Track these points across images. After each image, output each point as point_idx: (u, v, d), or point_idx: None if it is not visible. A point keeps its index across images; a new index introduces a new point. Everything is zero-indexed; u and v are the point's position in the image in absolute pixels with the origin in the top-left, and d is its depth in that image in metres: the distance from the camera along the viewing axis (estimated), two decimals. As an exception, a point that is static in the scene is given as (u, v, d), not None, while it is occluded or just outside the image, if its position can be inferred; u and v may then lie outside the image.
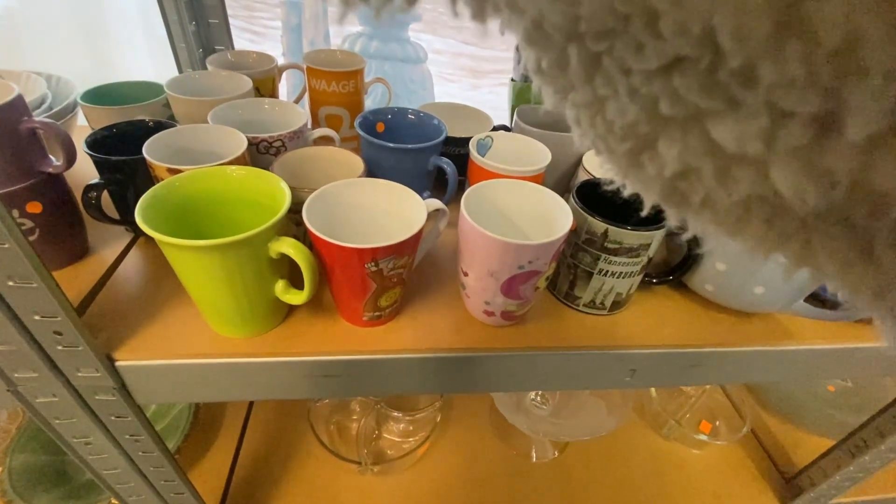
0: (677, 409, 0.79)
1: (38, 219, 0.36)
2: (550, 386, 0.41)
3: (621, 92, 0.10)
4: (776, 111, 0.08)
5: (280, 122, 0.46)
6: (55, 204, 0.37)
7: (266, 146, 0.42)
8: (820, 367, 0.44)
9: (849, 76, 0.07)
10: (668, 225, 0.36)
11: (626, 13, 0.09)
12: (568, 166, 0.50)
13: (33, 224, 0.36)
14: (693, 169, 0.10)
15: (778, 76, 0.08)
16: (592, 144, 0.12)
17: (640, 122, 0.11)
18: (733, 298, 0.40)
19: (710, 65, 0.09)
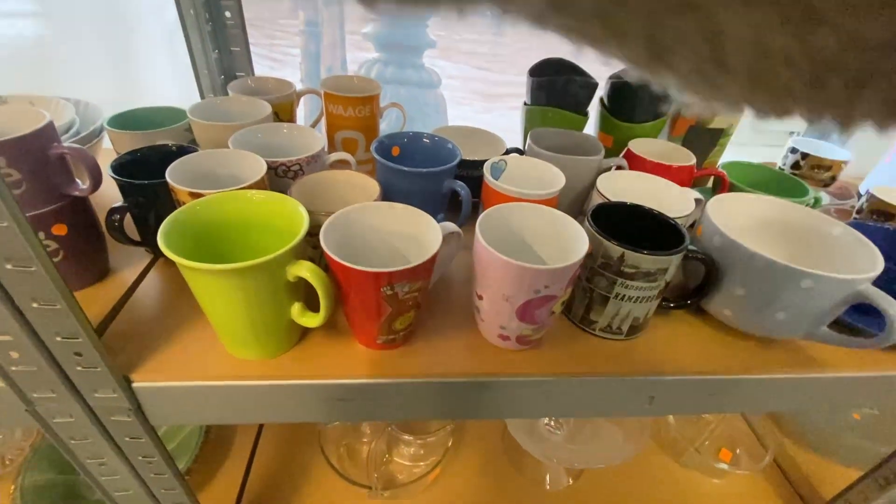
0: (696, 436, 0.76)
1: (62, 241, 0.37)
2: (567, 413, 0.40)
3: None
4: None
5: (298, 147, 0.47)
6: (80, 226, 0.38)
7: (284, 170, 0.43)
8: (847, 396, 0.43)
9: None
10: (686, 247, 0.36)
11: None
12: (582, 189, 0.50)
13: (58, 246, 0.37)
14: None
15: None
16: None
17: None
18: (753, 324, 0.39)
19: None
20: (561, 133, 0.54)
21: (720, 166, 0.57)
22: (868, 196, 0.55)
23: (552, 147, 0.49)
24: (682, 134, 0.59)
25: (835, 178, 0.65)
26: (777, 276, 0.35)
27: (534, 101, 0.58)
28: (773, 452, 0.71)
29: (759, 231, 0.44)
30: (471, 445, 0.71)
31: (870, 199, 0.55)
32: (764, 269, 0.36)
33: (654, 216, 0.40)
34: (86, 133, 0.50)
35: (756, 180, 0.55)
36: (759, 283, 0.37)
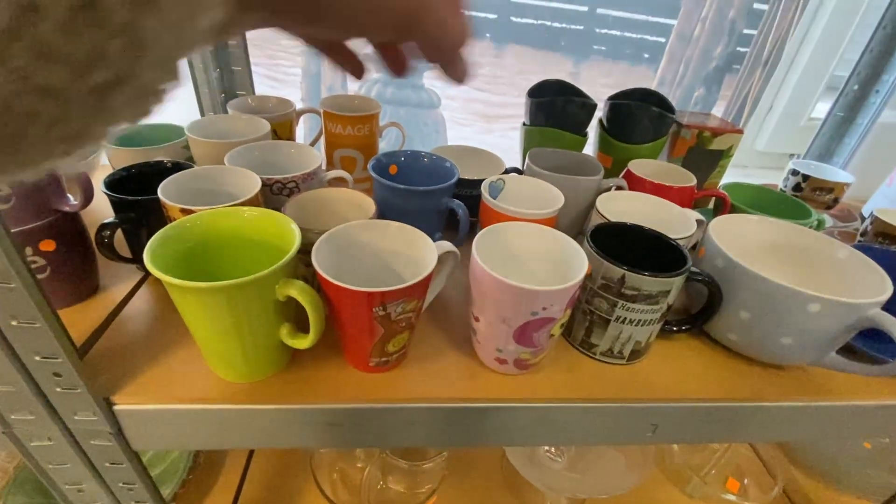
0: (702, 465, 0.74)
1: (50, 257, 0.36)
2: (567, 441, 0.38)
3: None
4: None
5: (295, 164, 0.46)
6: (68, 242, 0.38)
7: (280, 187, 0.43)
8: (858, 425, 0.41)
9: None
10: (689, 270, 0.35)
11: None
12: (581, 209, 0.50)
13: (45, 262, 0.36)
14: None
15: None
16: None
17: None
18: (758, 349, 0.38)
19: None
20: (560, 153, 0.53)
21: (721, 188, 0.56)
22: (872, 218, 0.55)
23: (551, 167, 0.48)
24: (682, 155, 0.59)
25: (837, 201, 0.65)
26: (783, 300, 0.34)
27: (533, 121, 0.58)
28: (783, 483, 0.69)
29: (763, 253, 0.43)
30: (468, 472, 0.69)
31: (874, 221, 0.54)
32: (769, 292, 0.35)
33: (656, 237, 0.39)
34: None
35: (758, 202, 0.54)
36: (765, 306, 0.36)
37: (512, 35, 0.79)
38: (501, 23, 0.77)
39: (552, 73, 0.60)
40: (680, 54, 0.78)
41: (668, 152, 0.60)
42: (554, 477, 0.66)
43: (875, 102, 0.72)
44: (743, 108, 0.78)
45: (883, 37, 0.69)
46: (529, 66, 0.79)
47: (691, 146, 0.58)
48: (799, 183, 0.65)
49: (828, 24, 0.80)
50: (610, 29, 0.78)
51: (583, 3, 0.76)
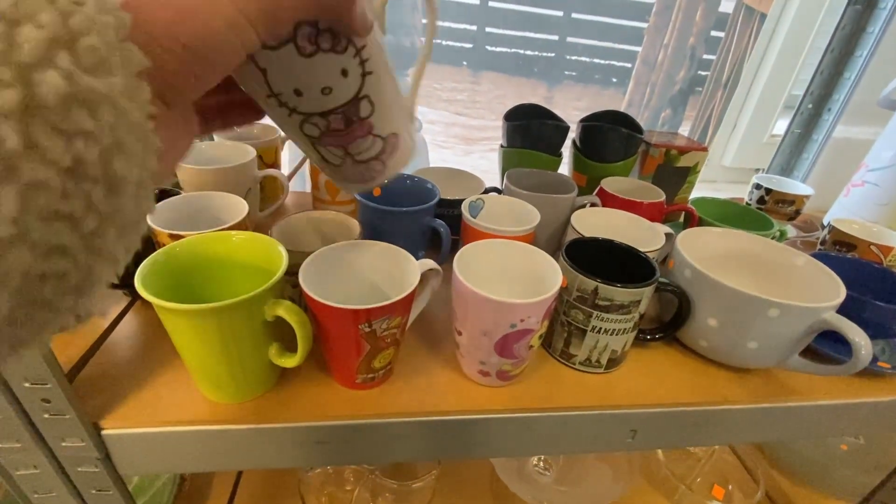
0: (687, 473, 0.75)
1: (38, 284, 0.37)
2: (550, 450, 0.39)
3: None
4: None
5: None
6: (57, 270, 0.38)
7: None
8: (824, 424, 0.43)
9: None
10: (658, 280, 0.37)
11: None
12: (558, 226, 0.52)
13: (33, 290, 0.37)
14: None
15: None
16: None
17: None
18: (727, 354, 0.40)
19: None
20: (536, 173, 0.56)
21: (690, 202, 0.59)
22: (829, 228, 0.58)
23: (528, 186, 0.51)
24: (652, 172, 0.62)
25: (799, 212, 0.68)
26: (745, 306, 0.37)
27: (510, 143, 0.61)
28: (765, 487, 0.70)
29: (728, 263, 0.46)
30: (458, 490, 0.69)
31: (831, 230, 0.58)
32: (732, 299, 0.37)
33: (626, 250, 0.41)
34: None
35: (724, 215, 0.57)
36: (729, 313, 0.38)
37: (488, 63, 0.83)
38: (478, 51, 0.81)
39: (527, 97, 0.63)
40: (646, 78, 0.83)
41: (638, 170, 0.64)
42: (543, 491, 0.67)
43: (828, 120, 0.77)
44: (707, 127, 0.82)
45: (831, 59, 0.74)
46: (505, 92, 0.83)
47: (660, 164, 0.61)
48: (762, 196, 0.68)
49: (782, 48, 0.86)
50: (580, 56, 0.83)
51: (553, 32, 0.80)
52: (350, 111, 0.24)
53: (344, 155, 0.26)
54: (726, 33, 0.81)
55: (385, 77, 0.25)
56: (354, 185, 0.29)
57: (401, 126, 0.27)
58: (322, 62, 0.22)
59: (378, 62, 0.24)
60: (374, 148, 0.26)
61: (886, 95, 0.69)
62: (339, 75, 0.23)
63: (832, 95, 0.76)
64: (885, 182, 0.65)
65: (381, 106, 0.25)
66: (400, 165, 0.28)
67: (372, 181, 0.28)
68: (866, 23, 0.71)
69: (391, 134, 0.26)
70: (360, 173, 0.27)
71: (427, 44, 0.29)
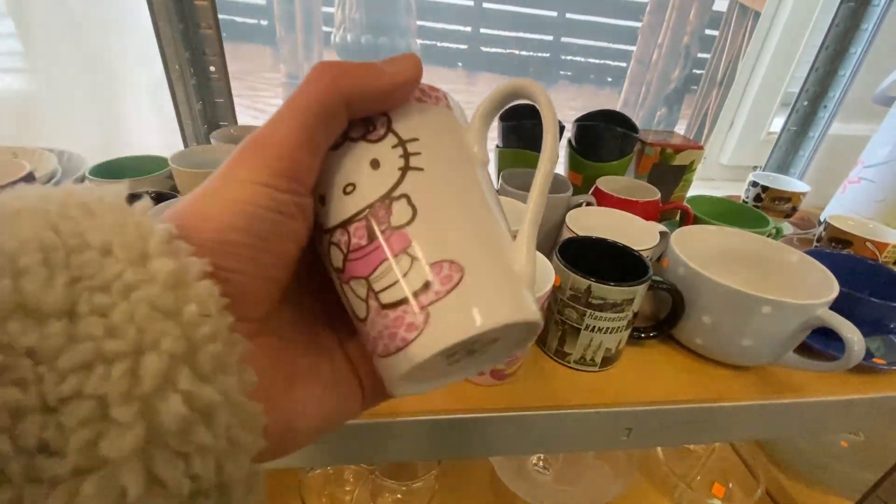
0: (687, 472, 0.75)
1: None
2: (546, 448, 0.40)
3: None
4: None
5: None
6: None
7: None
8: (820, 421, 0.43)
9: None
10: (651, 279, 0.37)
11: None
12: (553, 226, 0.52)
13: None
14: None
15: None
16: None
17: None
18: (722, 351, 0.40)
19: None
20: (531, 173, 0.55)
21: (686, 201, 0.60)
22: (825, 225, 0.58)
23: (523, 186, 0.51)
24: (648, 171, 0.62)
25: (796, 209, 0.69)
26: (738, 304, 0.37)
27: (506, 143, 0.61)
28: (765, 484, 0.70)
29: (723, 261, 0.46)
30: (458, 490, 0.69)
31: (827, 227, 0.58)
32: (726, 296, 0.37)
33: (620, 249, 0.41)
34: (67, 182, 0.51)
35: (720, 213, 0.58)
36: (723, 310, 0.38)
37: (483, 64, 0.83)
38: (472, 52, 0.82)
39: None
40: (641, 78, 0.83)
41: (634, 169, 0.64)
42: (543, 490, 0.67)
43: (824, 117, 0.77)
44: (703, 125, 0.82)
45: (826, 57, 0.74)
46: (501, 92, 0.83)
47: (655, 162, 0.61)
48: (759, 194, 0.68)
49: (778, 46, 0.86)
50: (574, 56, 0.83)
51: (548, 32, 0.80)
52: (377, 216, 0.16)
53: (367, 294, 0.16)
54: (720, 32, 0.81)
55: (446, 182, 0.17)
56: (392, 370, 0.16)
57: (474, 258, 0.16)
58: (349, 152, 0.17)
59: (438, 166, 0.17)
60: (409, 279, 0.16)
61: (882, 92, 0.69)
62: (366, 167, 0.17)
63: (828, 93, 0.76)
64: (881, 178, 0.65)
65: (429, 213, 0.16)
66: (466, 325, 0.15)
67: (407, 354, 0.15)
68: (860, 20, 0.71)
69: (446, 261, 0.16)
70: (387, 332, 0.16)
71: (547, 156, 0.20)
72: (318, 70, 0.16)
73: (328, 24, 0.81)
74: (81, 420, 0.11)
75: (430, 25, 0.81)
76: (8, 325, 0.11)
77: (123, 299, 0.12)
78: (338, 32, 0.80)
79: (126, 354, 0.11)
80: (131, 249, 0.12)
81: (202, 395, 0.12)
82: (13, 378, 0.10)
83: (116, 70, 0.73)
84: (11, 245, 0.11)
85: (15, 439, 0.10)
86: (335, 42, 0.80)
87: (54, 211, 0.12)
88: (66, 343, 0.11)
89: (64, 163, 0.57)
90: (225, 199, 0.15)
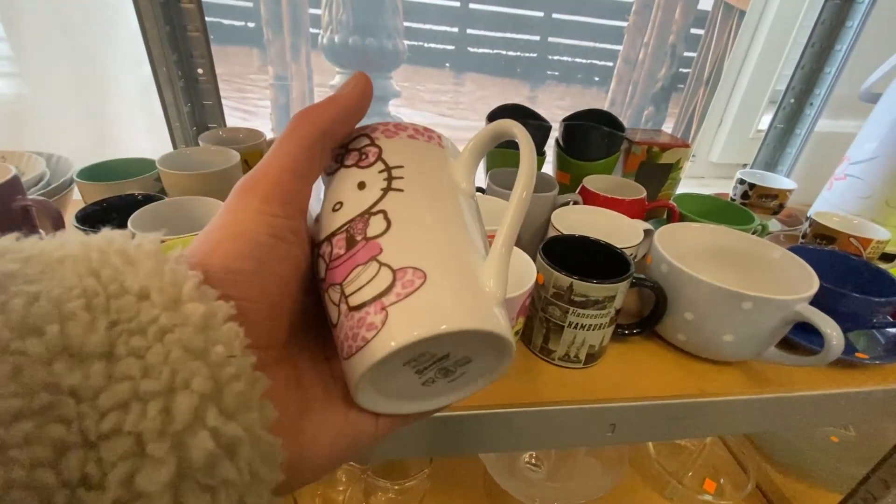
0: (679, 468, 0.76)
1: (21, 291, 0.37)
2: (532, 445, 0.40)
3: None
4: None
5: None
6: (40, 276, 0.38)
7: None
8: (804, 415, 0.44)
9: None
10: (632, 276, 0.38)
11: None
12: (540, 225, 0.53)
13: (17, 297, 0.37)
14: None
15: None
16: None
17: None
18: (704, 347, 0.41)
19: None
20: (516, 172, 0.56)
21: (673, 199, 0.60)
22: (811, 221, 0.59)
23: (510, 185, 0.51)
24: (635, 170, 0.63)
25: (783, 206, 0.69)
26: (719, 300, 0.37)
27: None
28: (755, 479, 0.71)
29: (706, 258, 0.46)
30: (450, 489, 0.70)
31: (812, 224, 0.58)
32: (707, 293, 0.38)
33: (603, 247, 0.42)
34: (55, 185, 0.51)
35: (707, 211, 0.58)
36: (705, 306, 0.39)
37: (471, 64, 0.83)
38: (460, 53, 0.82)
39: (511, 98, 0.64)
40: (628, 77, 0.84)
41: (621, 168, 0.64)
42: (535, 487, 0.67)
43: (810, 114, 0.77)
44: (691, 124, 0.83)
45: (812, 54, 0.75)
46: (489, 93, 0.84)
47: (642, 161, 0.62)
48: (746, 191, 0.69)
49: (765, 44, 0.87)
50: (561, 56, 0.83)
51: (535, 32, 0.81)
52: (356, 227, 0.18)
53: (339, 298, 0.17)
54: (706, 31, 0.81)
55: (422, 201, 0.19)
56: (353, 371, 0.17)
57: (438, 268, 0.17)
58: (341, 176, 0.20)
59: (418, 189, 0.19)
60: (375, 282, 0.17)
61: (867, 88, 0.69)
62: (353, 188, 0.19)
63: (814, 90, 0.77)
64: (866, 175, 0.66)
65: (402, 226, 0.18)
66: (422, 325, 0.16)
67: (365, 353, 0.16)
68: (845, 17, 0.72)
69: (410, 268, 0.17)
70: (352, 333, 0.17)
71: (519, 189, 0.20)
72: (297, 115, 0.18)
73: (315, 26, 0.81)
74: (121, 455, 0.11)
75: (418, 26, 0.82)
76: (54, 367, 0.11)
77: (158, 341, 0.13)
78: (325, 34, 0.81)
79: (160, 393, 0.12)
80: (166, 294, 0.13)
81: (227, 431, 0.13)
82: (58, 415, 0.11)
83: (105, 73, 0.73)
84: (57, 292, 0.12)
85: (59, 473, 0.11)
86: (322, 44, 0.81)
87: (95, 258, 0.13)
88: (106, 383, 0.12)
89: (52, 166, 0.57)
90: (226, 229, 0.16)
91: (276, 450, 0.14)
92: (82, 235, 0.14)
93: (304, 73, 0.81)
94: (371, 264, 0.17)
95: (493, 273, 0.18)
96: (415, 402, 0.19)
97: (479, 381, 0.19)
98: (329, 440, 0.17)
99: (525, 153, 0.20)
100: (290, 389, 0.17)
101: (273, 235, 0.16)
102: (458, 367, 0.18)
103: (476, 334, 0.16)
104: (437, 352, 0.17)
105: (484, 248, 0.19)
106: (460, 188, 0.20)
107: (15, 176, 0.36)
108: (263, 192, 0.17)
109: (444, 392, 0.19)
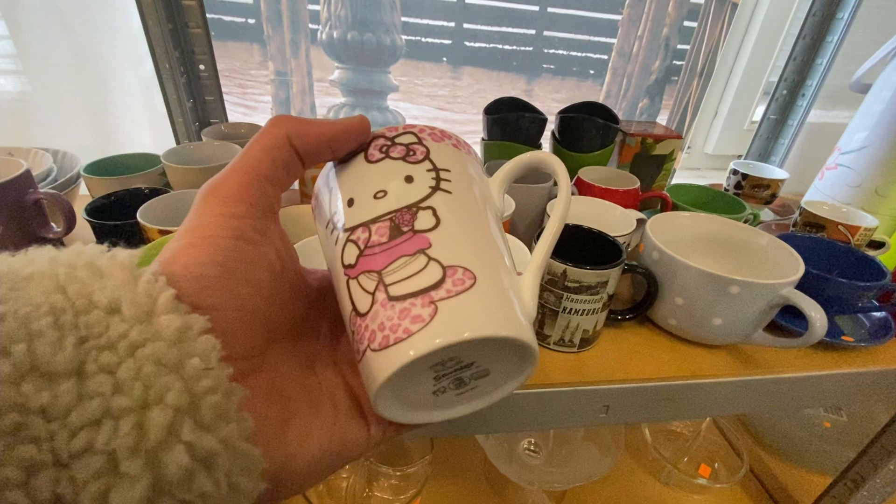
0: (674, 454, 0.77)
1: (35, 282, 0.39)
2: (527, 426, 0.41)
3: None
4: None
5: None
6: (53, 268, 0.40)
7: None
8: (791, 396, 0.45)
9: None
10: (624, 262, 0.39)
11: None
12: (536, 215, 0.54)
13: (31, 287, 0.38)
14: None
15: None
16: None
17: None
18: (695, 331, 0.42)
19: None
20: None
21: (666, 189, 0.61)
22: (801, 210, 0.60)
23: (506, 177, 0.52)
24: (629, 161, 0.64)
25: (775, 196, 0.70)
26: (708, 284, 0.39)
27: (490, 136, 0.62)
28: (749, 463, 0.73)
29: (697, 246, 0.48)
30: (451, 475, 0.71)
31: (802, 212, 0.60)
32: (696, 278, 0.39)
33: (596, 235, 0.43)
34: (63, 180, 0.52)
35: (699, 200, 0.59)
36: (694, 291, 0.40)
37: (467, 58, 0.84)
38: (456, 47, 0.83)
39: (507, 91, 0.65)
40: (622, 69, 0.85)
41: (616, 159, 0.65)
42: (534, 472, 0.69)
43: (802, 105, 0.78)
44: (685, 116, 0.84)
45: (804, 46, 0.76)
46: (485, 86, 0.85)
47: (637, 152, 0.63)
48: (739, 181, 0.70)
49: (759, 36, 0.88)
50: (557, 49, 0.84)
51: (530, 26, 0.82)
52: (402, 218, 0.18)
53: (376, 287, 0.17)
54: (699, 23, 0.82)
55: (469, 207, 0.19)
56: (386, 362, 0.16)
57: (483, 271, 0.17)
58: (387, 166, 0.19)
59: (464, 194, 0.19)
60: (423, 275, 0.16)
61: (858, 79, 0.71)
62: (400, 180, 0.19)
63: (806, 81, 0.78)
64: (857, 164, 0.67)
65: (452, 226, 0.18)
66: (472, 325, 0.16)
67: (406, 345, 0.15)
68: (836, 9, 0.73)
69: (460, 267, 0.17)
70: (390, 324, 0.16)
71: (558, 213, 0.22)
72: (268, 121, 0.19)
73: (314, 22, 0.82)
74: (93, 474, 0.11)
75: (415, 21, 0.83)
76: (22, 387, 0.11)
77: (129, 356, 0.12)
78: (324, 30, 0.82)
79: (132, 409, 0.12)
80: (138, 306, 0.13)
81: (204, 444, 0.13)
82: (27, 435, 0.11)
83: (108, 70, 0.74)
84: (25, 310, 0.12)
85: (30, 494, 0.11)
86: (321, 39, 0.82)
87: (62, 273, 0.13)
88: (76, 401, 0.11)
89: (59, 161, 0.58)
90: (188, 235, 0.16)
91: (256, 460, 0.14)
92: (53, 251, 0.14)
93: (303, 68, 0.82)
94: (419, 256, 0.17)
95: (529, 288, 0.19)
96: (419, 412, 0.19)
97: (490, 395, 0.20)
98: (316, 449, 0.17)
99: (562, 188, 0.21)
100: (271, 399, 0.16)
101: (237, 238, 0.16)
102: (472, 380, 0.18)
103: (516, 346, 0.16)
104: (466, 358, 0.17)
105: (513, 264, 0.20)
106: (495, 206, 0.21)
107: (27, 170, 0.38)
108: (224, 194, 0.16)
109: (450, 405, 0.19)
